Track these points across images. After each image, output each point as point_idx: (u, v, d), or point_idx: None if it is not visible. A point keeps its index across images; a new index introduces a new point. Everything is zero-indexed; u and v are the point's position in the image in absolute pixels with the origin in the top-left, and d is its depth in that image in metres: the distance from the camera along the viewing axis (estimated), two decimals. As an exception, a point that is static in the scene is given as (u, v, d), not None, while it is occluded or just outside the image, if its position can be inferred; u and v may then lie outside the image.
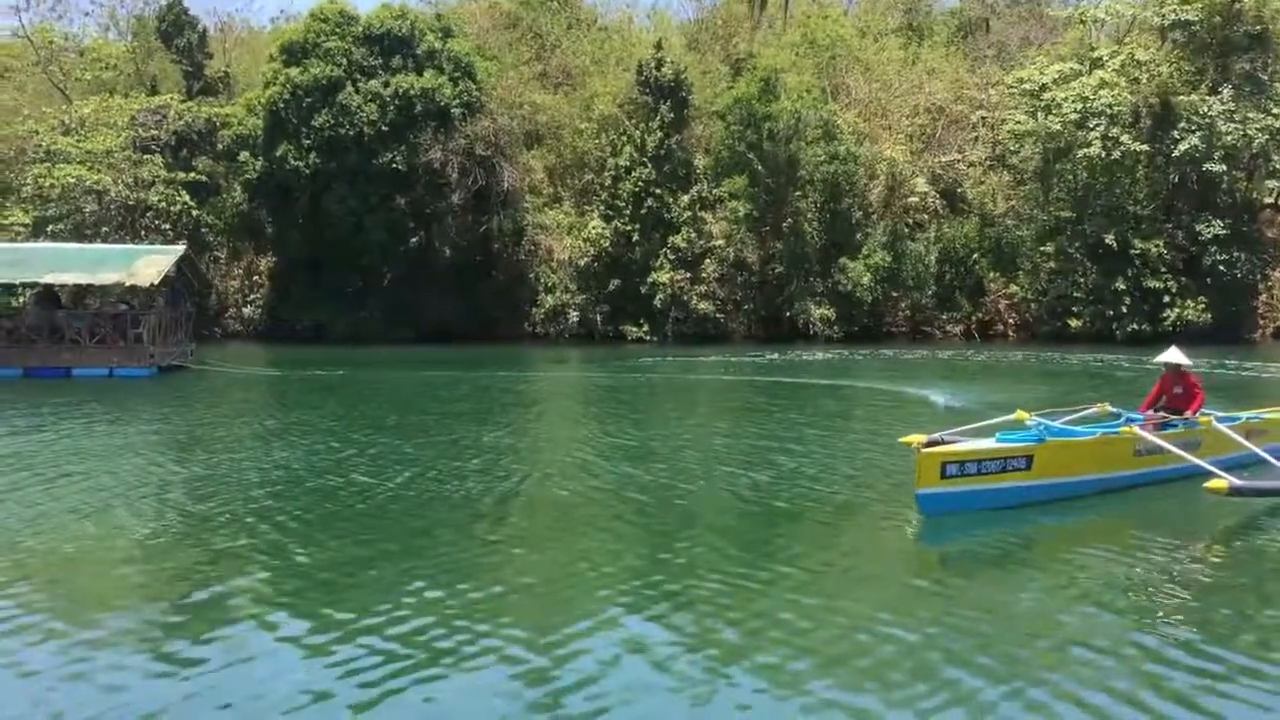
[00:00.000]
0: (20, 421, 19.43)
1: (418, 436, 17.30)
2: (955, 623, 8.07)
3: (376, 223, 46.62)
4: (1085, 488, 12.23)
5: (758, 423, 19.13)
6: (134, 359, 30.26)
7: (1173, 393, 14.01)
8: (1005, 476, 11.47)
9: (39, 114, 52.16)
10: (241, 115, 49.74)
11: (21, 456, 15.29)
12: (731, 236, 48.78)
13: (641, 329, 48.17)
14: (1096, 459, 12.39)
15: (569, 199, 52.51)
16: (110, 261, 31.62)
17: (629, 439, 17.00)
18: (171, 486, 13.11)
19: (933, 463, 11.01)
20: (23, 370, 29.61)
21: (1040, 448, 11.73)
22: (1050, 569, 9.73)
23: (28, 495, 12.46)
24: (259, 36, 63.77)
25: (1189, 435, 13.29)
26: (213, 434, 18.17)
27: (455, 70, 48.24)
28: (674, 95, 49.01)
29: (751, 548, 10.23)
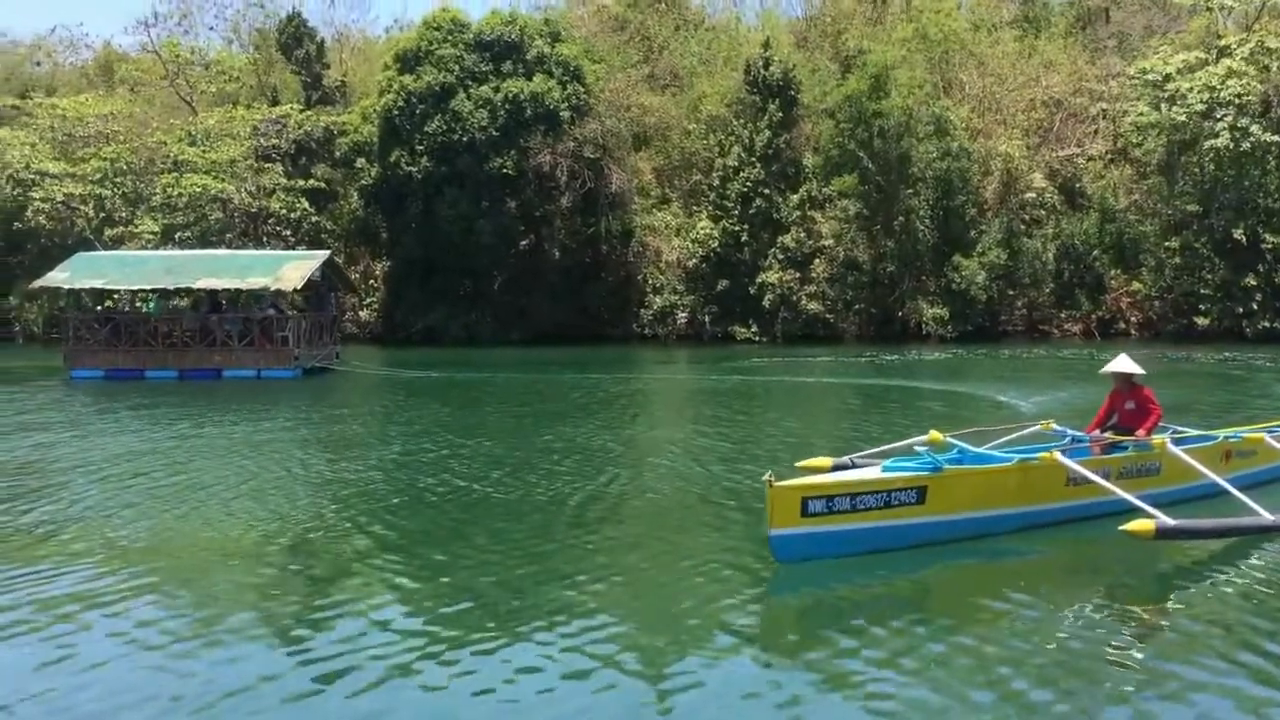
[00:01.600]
0: (175, 419, 20.27)
1: (550, 434, 17.45)
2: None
3: (487, 226, 47.25)
4: (1000, 524, 9.98)
5: (860, 427, 18.50)
6: (279, 361, 31.15)
7: (1124, 409, 11.60)
8: (890, 513, 9.28)
9: (167, 126, 54.20)
10: (357, 123, 50.95)
11: (163, 453, 15.91)
12: (841, 236, 48.18)
13: (750, 329, 47.90)
14: (1015, 490, 10.13)
15: (677, 200, 52.51)
16: (259, 267, 32.59)
17: (726, 441, 16.82)
18: (295, 481, 13.43)
19: (789, 497, 8.86)
20: (178, 372, 30.87)
21: (936, 478, 9.55)
22: (925, 637, 7.42)
23: (170, 485, 13.04)
24: (374, 46, 65.22)
25: (1142, 460, 11.11)
26: (340, 431, 18.58)
27: (564, 74, 48.65)
28: (782, 94, 48.63)
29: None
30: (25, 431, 18.50)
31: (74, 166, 52.32)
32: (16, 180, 51.86)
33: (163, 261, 34.38)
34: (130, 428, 19.04)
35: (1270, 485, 12.06)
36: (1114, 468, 10.77)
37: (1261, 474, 12.17)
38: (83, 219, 51.99)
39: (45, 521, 11.12)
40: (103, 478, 13.74)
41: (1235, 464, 11.88)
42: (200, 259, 34.97)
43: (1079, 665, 6.88)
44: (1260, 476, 12.11)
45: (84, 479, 13.64)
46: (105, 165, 52.26)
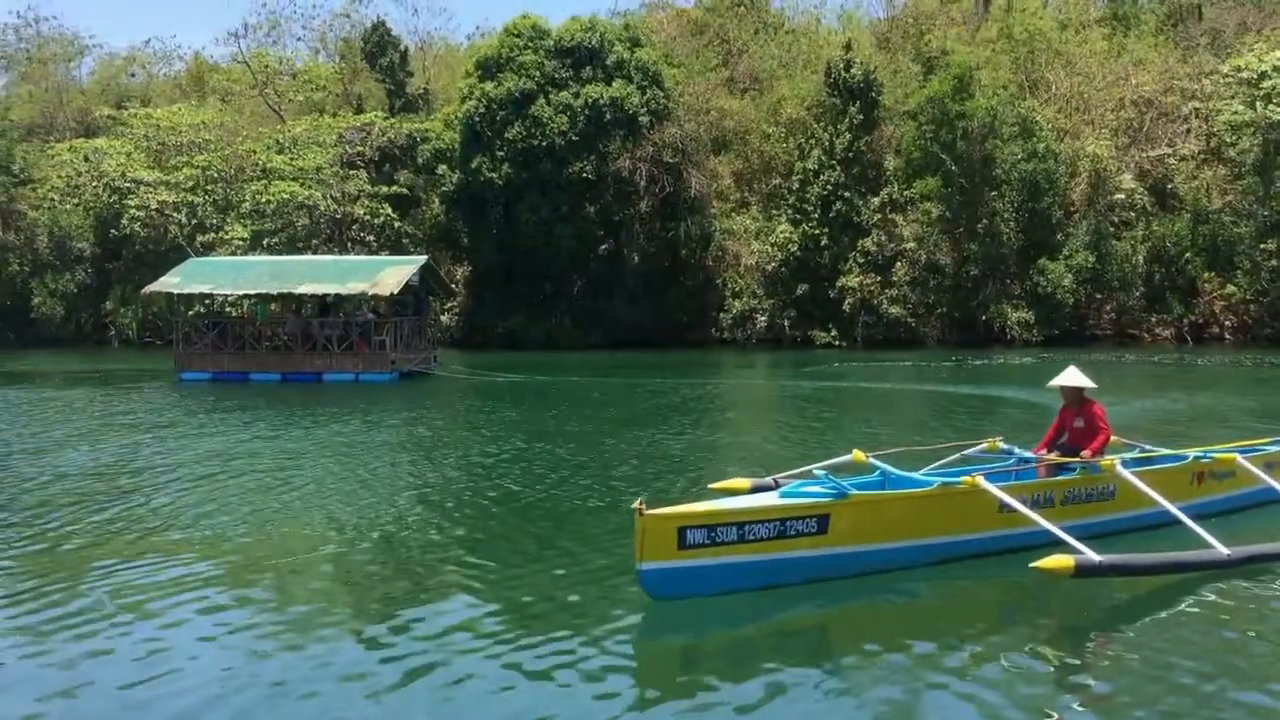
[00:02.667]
0: (275, 422, 20.88)
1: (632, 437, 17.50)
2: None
3: (567, 231, 47.55)
4: (916, 556, 8.87)
5: (936, 435, 17.79)
6: (377, 365, 31.75)
7: (1073, 427, 10.48)
8: (785, 544, 8.20)
9: (256, 134, 55.52)
10: (439, 130, 51.64)
11: (263, 454, 16.37)
12: (924, 239, 47.54)
13: (830, 334, 47.50)
14: (935, 518, 8.99)
15: (756, 204, 52.31)
16: (358, 272, 33.29)
17: (797, 448, 16.63)
18: (380, 482, 13.63)
19: (662, 528, 7.79)
20: (281, 375, 31.69)
21: (840, 505, 8.48)
22: (814, 690, 6.63)
23: (268, 484, 13.46)
24: (455, 53, 66.10)
25: (1092, 483, 9.92)
26: (426, 434, 18.85)
27: (643, 79, 48.78)
28: (863, 96, 48.18)
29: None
30: (141, 431, 19.23)
31: (167, 175, 53.80)
32: (113, 188, 53.49)
33: (268, 267, 35.30)
34: (235, 430, 19.55)
35: (1250, 511, 11.02)
36: (1059, 492, 9.69)
37: (1238, 499, 11.04)
38: (175, 226, 53.42)
39: (154, 516, 11.59)
40: (209, 476, 14.19)
41: (1211, 487, 10.80)
42: (303, 264, 35.81)
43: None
44: (1238, 501, 11.04)
45: (191, 477, 14.10)
46: (197, 173, 53.67)
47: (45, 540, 10.63)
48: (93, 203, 55.28)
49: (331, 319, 33.58)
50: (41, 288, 56.93)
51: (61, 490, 13.40)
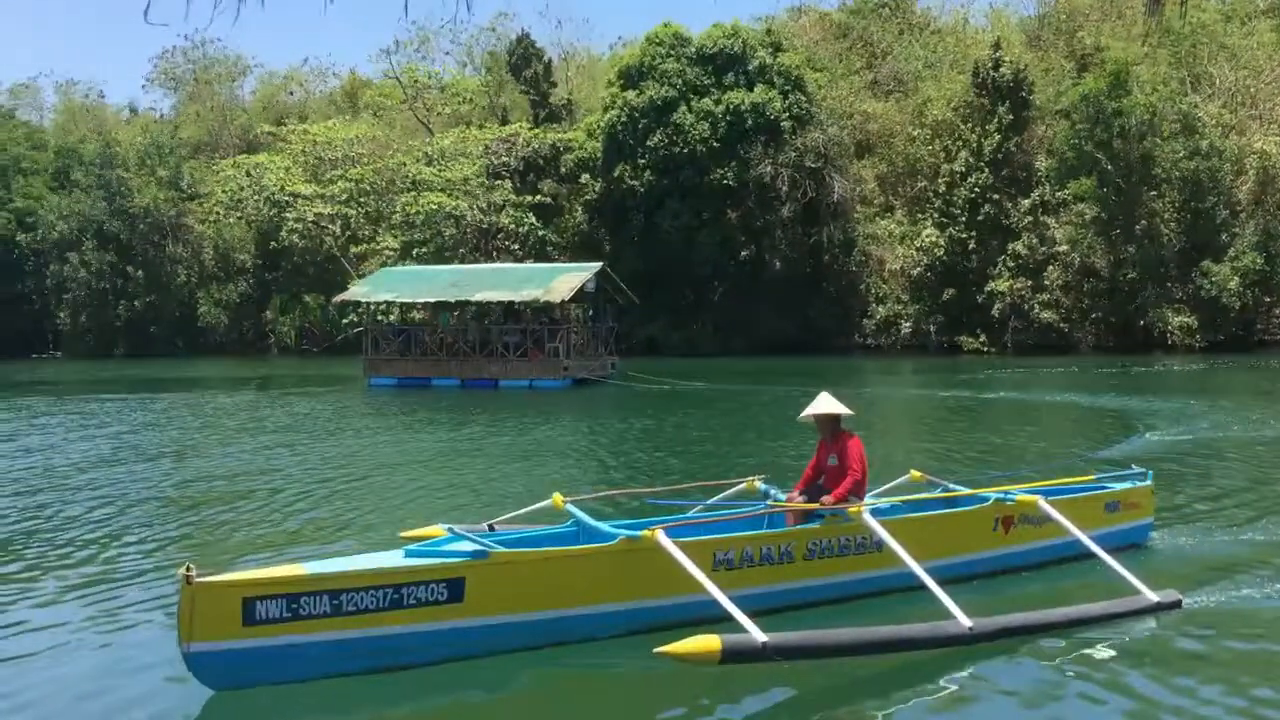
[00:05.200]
0: (452, 426, 21.43)
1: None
2: None
3: (708, 237, 47.56)
4: (585, 627, 6.99)
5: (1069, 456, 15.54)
6: (550, 372, 32.24)
7: (827, 465, 8.48)
8: (403, 616, 6.47)
9: (406, 147, 57.16)
10: (582, 139, 52.30)
11: (439, 455, 16.86)
12: (1077, 241, 45.96)
13: (978, 340, 46.33)
14: (608, 580, 7.08)
15: (901, 208, 51.43)
16: (534, 280, 33.89)
17: (945, 463, 16.14)
18: (540, 483, 13.79)
19: (222, 598, 6.07)
20: (460, 381, 32.56)
21: (478, 567, 6.69)
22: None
23: (441, 484, 13.72)
24: (598, 63, 66.80)
25: (842, 534, 7.94)
26: (571, 440, 19.04)
27: (785, 84, 48.49)
28: (1013, 95, 46.90)
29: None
30: (338, 434, 20.03)
31: (323, 188, 55.84)
32: (273, 202, 55.79)
33: (450, 275, 36.38)
34: (418, 432, 20.31)
35: (1065, 564, 8.77)
36: (800, 545, 7.77)
37: (1057, 548, 8.74)
38: (330, 237, 55.40)
39: (344, 513, 11.78)
40: (391, 474, 14.64)
41: (1022, 535, 8.72)
42: (482, 273, 36.72)
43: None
44: (1056, 552, 8.78)
45: (380, 476, 14.54)
46: (351, 186, 55.57)
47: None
48: (254, 216, 57.77)
49: (508, 326, 34.17)
50: (207, 298, 59.79)
51: (355, 473, 14.41)
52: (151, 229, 59.97)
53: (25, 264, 61.26)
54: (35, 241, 60.72)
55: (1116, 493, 9.50)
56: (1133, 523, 9.50)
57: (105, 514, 11.42)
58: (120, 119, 78.85)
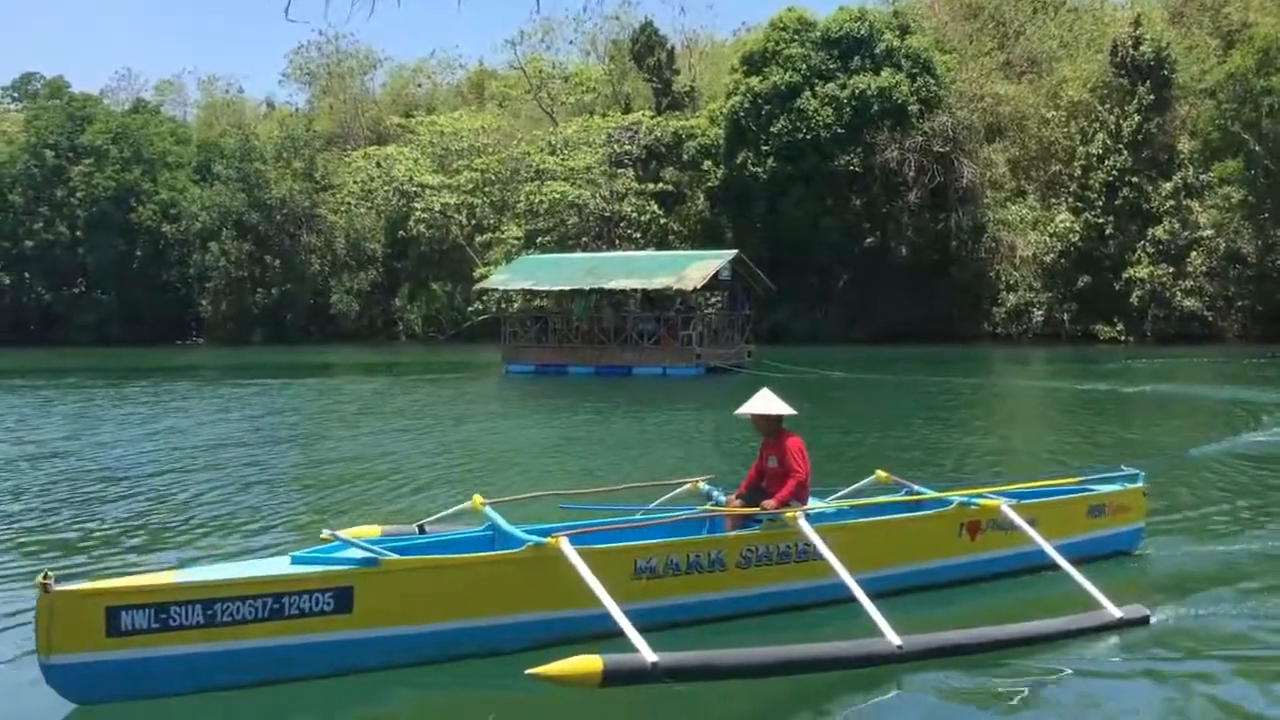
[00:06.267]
0: (584, 413, 21.70)
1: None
2: None
3: (832, 224, 46.92)
4: (497, 639, 6.54)
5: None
6: (683, 359, 32.08)
7: (768, 466, 7.97)
8: (286, 627, 6.14)
9: (530, 137, 57.78)
10: (704, 126, 52.08)
11: (570, 441, 17.11)
12: (1223, 226, 44.00)
13: (1115, 328, 44.73)
14: (508, 590, 6.66)
15: (1033, 192, 49.89)
16: (667, 267, 33.85)
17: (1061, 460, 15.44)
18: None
19: (83, 608, 5.77)
20: (595, 368, 32.78)
21: (369, 575, 6.32)
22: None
23: (566, 469, 13.79)
24: (721, 49, 66.36)
25: (779, 540, 7.37)
26: (685, 429, 18.98)
27: (913, 67, 47.50)
28: (1154, 74, 45.02)
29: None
30: (479, 419, 20.59)
31: (449, 178, 56.84)
32: (401, 192, 57.02)
33: (585, 263, 36.65)
34: (552, 418, 20.66)
35: (1026, 575, 7.97)
36: (734, 551, 7.22)
37: (1027, 556, 7.87)
38: (456, 226, 56.36)
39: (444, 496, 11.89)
40: (521, 459, 14.97)
41: (990, 541, 8.03)
42: (615, 260, 36.98)
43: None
44: (1028, 560, 7.93)
45: (510, 459, 14.87)
46: (476, 176, 56.45)
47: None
48: (384, 206, 59.16)
49: (642, 314, 34.12)
50: (339, 286, 61.47)
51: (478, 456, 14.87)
52: (287, 219, 61.87)
53: (170, 254, 63.82)
54: (179, 232, 63.20)
55: (1102, 495, 8.80)
56: (1120, 528, 8.79)
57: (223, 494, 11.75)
58: (258, 113, 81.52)
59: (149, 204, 63.43)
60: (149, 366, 40.06)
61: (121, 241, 63.03)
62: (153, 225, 63.15)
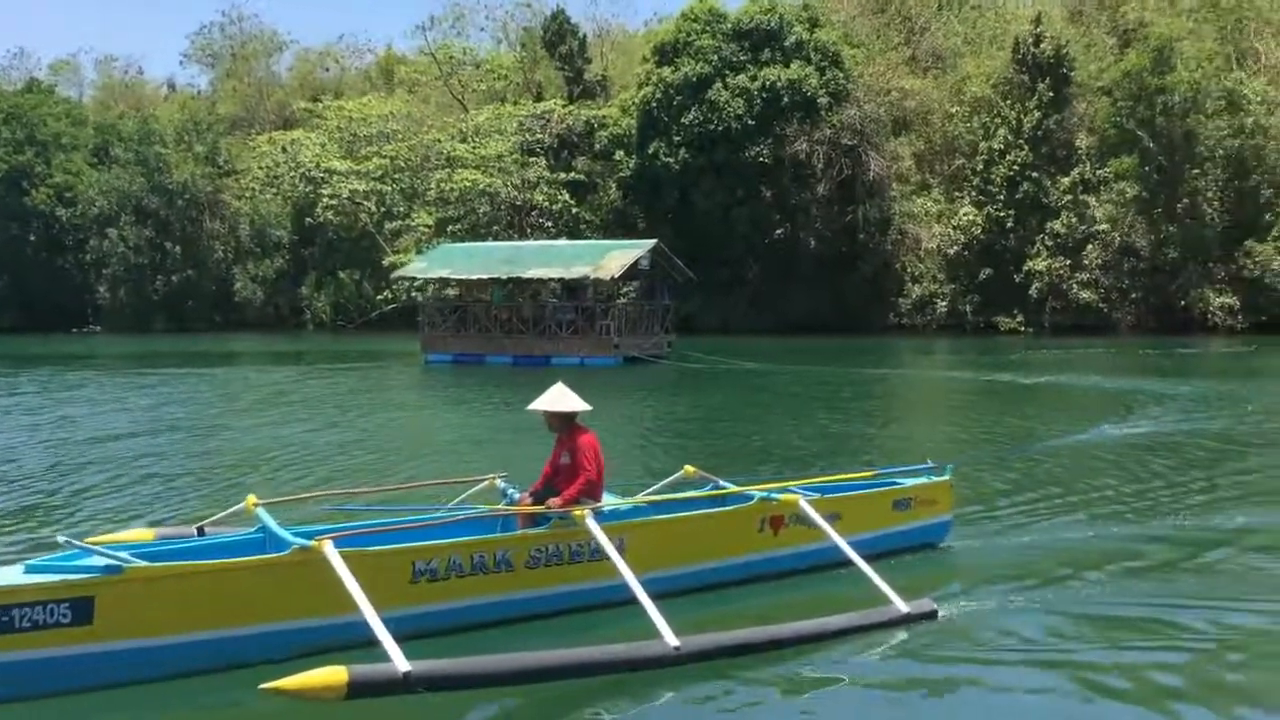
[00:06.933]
0: (492, 403, 21.65)
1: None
2: None
3: (743, 215, 47.33)
4: (259, 648, 6.12)
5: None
6: (601, 349, 31.91)
7: (560, 464, 7.79)
8: (14, 641, 5.66)
9: (441, 124, 57.16)
10: (616, 116, 52.10)
11: (475, 430, 17.16)
12: (1118, 220, 45.40)
13: (1015, 319, 45.90)
14: (269, 598, 6.24)
15: (938, 186, 50.92)
16: (584, 256, 33.67)
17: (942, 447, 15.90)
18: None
19: None
20: (513, 358, 32.51)
21: (110, 584, 5.87)
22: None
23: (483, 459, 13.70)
24: (633, 39, 66.41)
25: (568, 540, 7.15)
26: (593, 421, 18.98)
27: (822, 60, 48.08)
28: (1054, 72, 46.22)
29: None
30: (389, 409, 20.56)
31: (358, 164, 55.99)
32: (308, 178, 56.01)
33: (503, 252, 36.39)
34: (460, 409, 20.92)
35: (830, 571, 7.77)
36: (521, 552, 6.97)
37: (829, 550, 7.63)
38: (365, 214, 55.58)
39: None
40: (439, 450, 14.98)
41: (792, 537, 7.88)
42: (535, 249, 36.82)
43: None
44: (827, 556, 7.72)
45: (414, 449, 14.78)
46: (385, 163, 55.71)
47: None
48: (290, 192, 58.08)
49: (560, 304, 33.98)
50: (243, 273, 60.26)
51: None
52: (189, 205, 60.46)
53: (66, 239, 61.88)
54: (75, 217, 61.29)
55: (908, 489, 8.77)
56: (927, 521, 8.76)
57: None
58: (158, 95, 79.41)
59: (43, 187, 61.45)
60: (43, 355, 38.84)
61: (14, 225, 61.03)
62: (47, 209, 61.18)
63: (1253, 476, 12.26)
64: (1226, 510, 10.18)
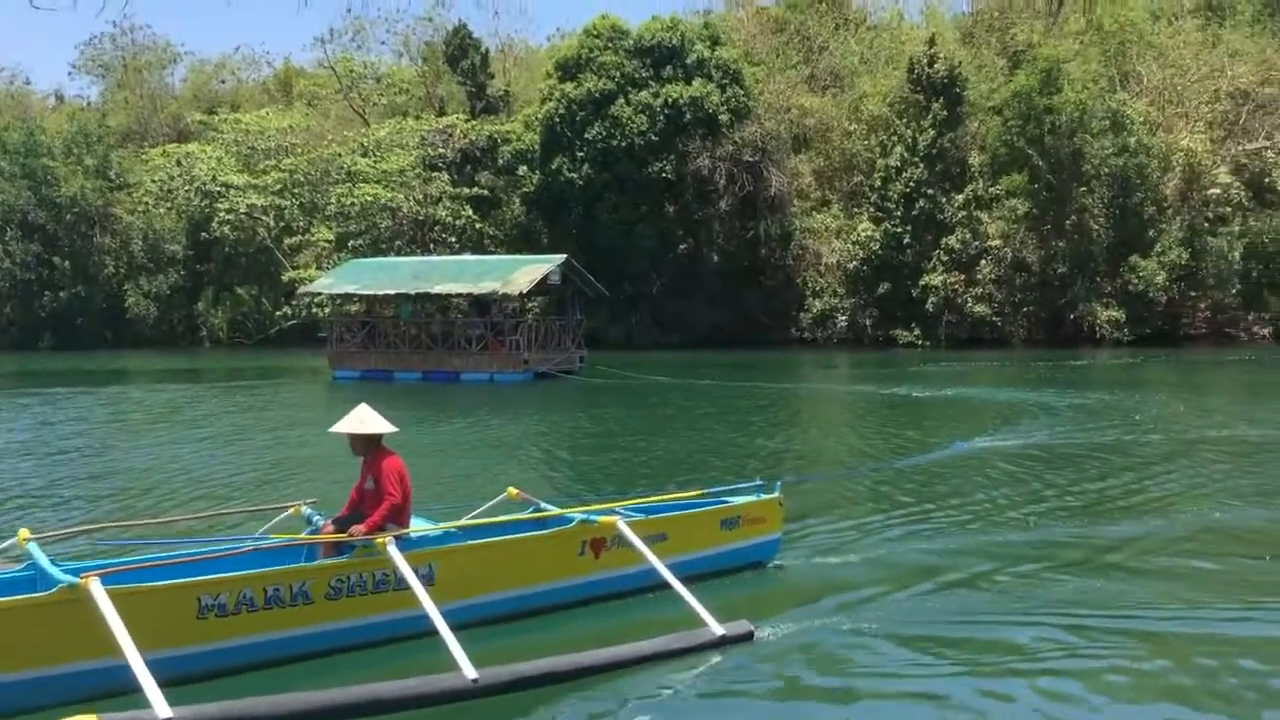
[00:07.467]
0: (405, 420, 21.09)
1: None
2: None
3: (646, 231, 47.58)
4: (20, 695, 5.67)
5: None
6: (511, 365, 31.65)
7: (365, 489, 7.53)
8: None
9: (341, 138, 56.41)
10: (520, 131, 52.00)
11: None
12: (1009, 236, 46.67)
13: (913, 333, 46.85)
14: (34, 640, 5.72)
15: (837, 202, 51.83)
16: (494, 271, 33.39)
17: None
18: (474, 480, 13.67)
19: None
20: (422, 374, 32.08)
21: None
22: None
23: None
24: (536, 55, 66.44)
25: (372, 569, 6.81)
26: (505, 434, 18.92)
27: (723, 77, 48.62)
28: (947, 92, 47.40)
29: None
30: (302, 426, 20.09)
31: (256, 178, 54.94)
32: (204, 192, 54.77)
33: (412, 267, 35.86)
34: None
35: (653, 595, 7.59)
36: (321, 582, 6.59)
37: (652, 573, 7.36)
38: (263, 228, 54.54)
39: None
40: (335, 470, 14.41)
41: (615, 559, 7.65)
42: (444, 264, 36.41)
43: None
44: (647, 579, 7.47)
45: (307, 471, 14.38)
46: (284, 177, 54.74)
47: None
48: (185, 206, 56.71)
49: (470, 320, 33.71)
50: (136, 289, 58.62)
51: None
52: (79, 219, 58.65)
53: (-54, 254, 59.54)
54: (-43, 231, 59.07)
55: (736, 507, 8.62)
56: (756, 539, 8.62)
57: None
58: (46, 106, 77.00)
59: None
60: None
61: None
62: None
63: (1117, 487, 12.36)
64: (1076, 522, 10.29)
